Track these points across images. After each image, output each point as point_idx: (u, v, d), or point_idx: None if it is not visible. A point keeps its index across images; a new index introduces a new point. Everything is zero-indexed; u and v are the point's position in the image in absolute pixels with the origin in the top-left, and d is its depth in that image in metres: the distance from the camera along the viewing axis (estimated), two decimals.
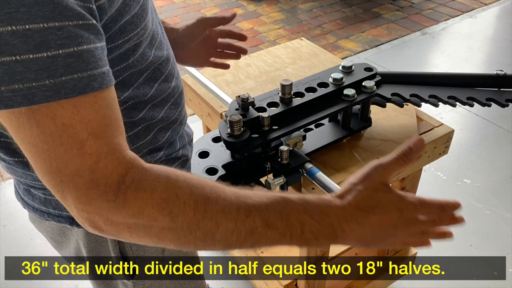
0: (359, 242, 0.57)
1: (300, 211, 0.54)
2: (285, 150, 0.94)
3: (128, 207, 0.49)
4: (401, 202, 0.57)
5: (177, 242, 0.52)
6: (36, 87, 0.42)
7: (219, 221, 0.51)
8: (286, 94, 0.97)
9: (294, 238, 0.54)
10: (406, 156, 0.59)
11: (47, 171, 0.47)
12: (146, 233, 0.51)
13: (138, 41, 0.63)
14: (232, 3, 4.01)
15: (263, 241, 0.54)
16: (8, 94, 0.42)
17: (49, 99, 0.43)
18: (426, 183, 2.09)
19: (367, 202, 0.56)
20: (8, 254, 1.82)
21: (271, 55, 1.52)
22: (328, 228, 0.55)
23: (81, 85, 0.45)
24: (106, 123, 0.48)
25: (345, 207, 0.56)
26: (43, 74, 0.42)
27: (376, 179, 0.57)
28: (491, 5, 3.81)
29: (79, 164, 0.47)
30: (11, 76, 0.41)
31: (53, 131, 0.45)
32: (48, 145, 0.46)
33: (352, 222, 0.55)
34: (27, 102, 0.43)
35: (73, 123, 0.46)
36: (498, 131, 2.43)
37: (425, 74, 1.18)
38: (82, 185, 0.47)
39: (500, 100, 1.10)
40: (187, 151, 0.84)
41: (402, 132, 1.14)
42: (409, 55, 3.16)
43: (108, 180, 0.48)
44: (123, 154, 0.50)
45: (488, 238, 1.85)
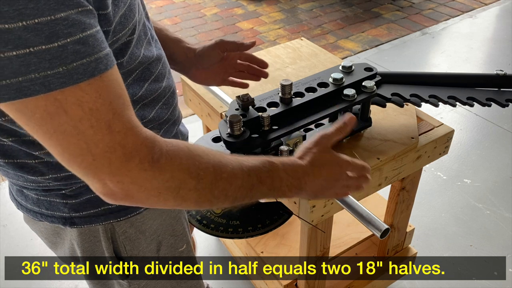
0: (312, 192, 0.74)
1: (280, 170, 0.70)
2: (285, 150, 0.94)
3: (163, 174, 0.56)
4: (340, 160, 0.76)
5: (198, 200, 0.61)
6: (51, 75, 0.45)
7: (231, 180, 0.63)
8: (286, 94, 0.97)
9: (276, 190, 0.70)
10: (342, 128, 0.78)
11: (78, 153, 0.51)
12: (173, 196, 0.58)
13: (126, 41, 0.64)
14: (232, 3, 4.01)
15: (258, 194, 0.68)
16: (26, 83, 0.45)
17: (64, 85, 0.46)
18: (426, 183, 2.09)
19: (319, 161, 0.74)
20: (8, 254, 1.82)
21: (271, 55, 1.52)
22: (297, 181, 0.72)
23: (90, 68, 0.48)
24: (123, 102, 0.53)
25: (306, 165, 0.73)
26: (56, 62, 0.45)
27: (323, 145, 0.75)
28: (491, 5, 3.81)
29: (110, 142, 0.51)
30: (27, 67, 0.44)
31: (82, 117, 0.49)
32: (77, 129, 0.49)
33: (310, 176, 0.73)
34: (44, 89, 0.46)
35: (98, 106, 0.50)
36: (498, 131, 2.43)
37: (425, 74, 1.18)
38: (115, 159, 0.52)
39: (500, 100, 1.10)
40: None
41: (402, 132, 1.14)
42: (409, 55, 3.16)
43: (140, 153, 0.54)
44: (143, 129, 0.56)
45: (488, 238, 1.85)
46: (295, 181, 0.71)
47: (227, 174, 0.63)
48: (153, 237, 0.81)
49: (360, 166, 0.78)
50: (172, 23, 3.68)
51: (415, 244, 1.67)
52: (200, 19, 3.75)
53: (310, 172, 0.73)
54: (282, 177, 0.70)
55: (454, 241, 1.84)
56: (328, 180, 0.75)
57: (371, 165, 1.05)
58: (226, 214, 1.00)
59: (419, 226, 1.82)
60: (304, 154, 0.75)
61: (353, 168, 0.77)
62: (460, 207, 1.99)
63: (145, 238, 0.80)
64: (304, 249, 1.17)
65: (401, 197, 1.32)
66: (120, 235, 0.77)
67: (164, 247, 0.84)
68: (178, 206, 0.61)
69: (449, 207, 1.99)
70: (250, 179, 0.66)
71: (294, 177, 0.71)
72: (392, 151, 1.09)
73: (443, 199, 2.04)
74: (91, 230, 0.76)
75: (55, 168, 0.68)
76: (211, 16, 3.80)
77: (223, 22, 3.69)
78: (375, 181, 1.10)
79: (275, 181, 0.69)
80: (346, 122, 0.78)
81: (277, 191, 0.70)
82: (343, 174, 0.76)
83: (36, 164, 0.67)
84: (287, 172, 0.71)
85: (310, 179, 0.73)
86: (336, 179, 0.76)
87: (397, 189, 1.31)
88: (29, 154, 0.66)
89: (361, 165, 0.78)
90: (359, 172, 0.78)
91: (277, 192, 0.70)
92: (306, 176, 0.72)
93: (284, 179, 0.70)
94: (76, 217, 0.73)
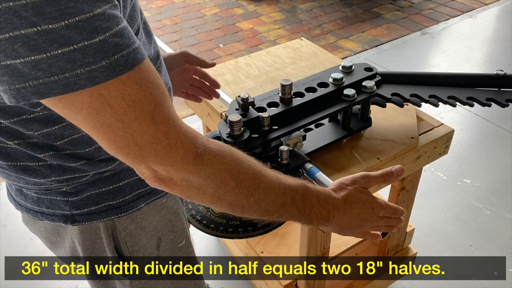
0: (338, 227, 0.75)
1: (313, 196, 0.71)
2: (285, 150, 0.94)
3: (206, 169, 0.58)
4: (375, 202, 0.76)
5: (233, 203, 0.63)
6: (95, 69, 0.47)
7: (267, 192, 0.65)
8: (286, 94, 0.97)
9: (304, 215, 0.70)
10: (387, 176, 0.79)
11: (124, 145, 0.53)
12: (211, 193, 0.60)
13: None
14: (232, 3, 4.01)
15: (287, 214, 0.69)
16: (73, 79, 0.47)
17: (108, 77, 0.48)
18: (426, 183, 2.09)
19: (352, 198, 0.74)
20: (8, 254, 1.82)
21: (271, 55, 1.52)
22: (326, 212, 0.72)
23: (130, 59, 0.50)
24: (162, 92, 0.54)
25: (338, 199, 0.73)
26: (99, 56, 0.47)
27: (361, 184, 0.76)
28: (491, 5, 3.81)
29: (154, 132, 0.53)
30: (72, 63, 0.47)
31: (126, 110, 0.51)
32: (122, 122, 0.51)
33: (340, 211, 0.73)
34: (90, 83, 0.48)
35: (140, 98, 0.51)
36: (498, 131, 2.43)
37: (425, 74, 1.18)
38: (161, 150, 0.54)
39: (500, 100, 1.10)
40: None
41: (402, 132, 1.14)
42: (409, 55, 3.16)
43: (183, 145, 0.55)
44: (184, 123, 0.57)
45: (488, 238, 1.85)
46: (325, 211, 0.72)
47: (265, 185, 0.64)
48: (153, 233, 0.81)
49: (393, 209, 0.78)
50: (172, 23, 3.68)
51: (415, 244, 1.67)
52: (200, 19, 3.75)
53: (341, 207, 0.73)
54: (313, 204, 0.71)
55: (454, 241, 1.84)
56: (358, 219, 0.75)
57: (371, 165, 1.05)
58: (226, 214, 1.00)
59: (419, 226, 1.82)
60: (339, 189, 0.75)
61: (386, 212, 0.77)
62: (460, 207, 1.99)
63: (145, 234, 0.80)
64: (304, 249, 1.17)
65: (401, 197, 1.32)
66: (121, 232, 0.77)
67: (164, 243, 0.84)
68: (212, 204, 0.62)
69: (449, 207, 1.99)
70: (284, 197, 0.67)
71: (325, 208, 0.72)
72: (392, 151, 1.09)
73: (443, 199, 2.04)
74: (92, 228, 0.76)
75: (58, 170, 0.68)
76: (211, 16, 3.80)
77: (223, 22, 3.69)
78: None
79: (306, 206, 0.70)
80: (394, 171, 0.79)
81: (306, 216, 0.71)
82: (374, 216, 0.76)
83: (39, 167, 0.67)
84: (319, 200, 0.71)
85: (339, 214, 0.73)
86: (365, 219, 0.76)
87: (397, 189, 1.31)
88: (32, 156, 0.66)
89: (395, 208, 0.78)
90: (391, 215, 0.78)
91: (305, 218, 0.71)
92: (336, 211, 0.73)
93: (315, 207, 0.71)
94: (77, 214, 0.73)
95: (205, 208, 1.02)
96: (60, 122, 0.63)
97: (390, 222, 0.79)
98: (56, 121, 0.63)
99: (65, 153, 0.67)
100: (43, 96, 0.48)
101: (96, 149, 0.68)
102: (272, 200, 0.65)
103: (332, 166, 1.05)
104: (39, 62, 0.46)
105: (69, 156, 0.67)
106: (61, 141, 0.65)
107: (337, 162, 1.06)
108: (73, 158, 0.68)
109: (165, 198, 0.81)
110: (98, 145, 0.65)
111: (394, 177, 0.79)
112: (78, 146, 0.67)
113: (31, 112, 0.60)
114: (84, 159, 0.68)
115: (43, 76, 0.46)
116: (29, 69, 0.46)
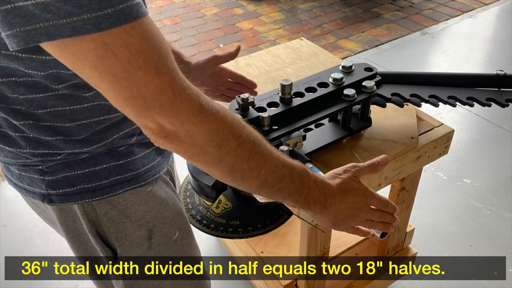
0: (334, 216, 0.75)
1: (311, 178, 0.72)
2: (285, 150, 0.94)
3: (209, 123, 0.58)
4: (366, 191, 0.77)
5: (234, 167, 0.63)
6: (101, 16, 0.49)
7: (267, 159, 0.65)
8: (286, 94, 0.97)
9: (302, 196, 0.71)
10: (374, 166, 0.81)
11: (130, 96, 0.53)
12: (214, 151, 0.60)
13: None
14: (232, 3, 4.01)
15: (285, 190, 0.69)
16: (80, 23, 0.49)
17: (112, 25, 0.49)
18: (426, 183, 2.09)
19: (346, 186, 0.76)
20: (8, 254, 1.82)
21: (271, 55, 1.52)
22: (323, 197, 0.73)
23: (134, 11, 0.51)
24: (166, 47, 0.55)
25: (334, 186, 0.75)
26: (105, 4, 0.49)
27: (352, 173, 0.78)
28: (491, 5, 3.81)
29: (159, 83, 0.53)
30: (79, 8, 0.48)
31: (130, 59, 0.51)
32: (127, 72, 0.52)
33: (336, 198, 0.74)
34: (95, 29, 0.49)
35: (144, 48, 0.52)
36: (498, 131, 2.43)
37: (425, 74, 1.18)
38: (166, 101, 0.54)
39: (500, 100, 1.10)
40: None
41: (402, 132, 1.14)
42: (409, 55, 3.16)
43: (188, 97, 0.56)
44: (185, 78, 0.57)
45: (488, 238, 1.85)
46: (322, 196, 0.73)
47: (265, 151, 0.65)
48: (141, 223, 0.80)
49: (385, 202, 0.79)
50: (172, 23, 3.68)
51: (415, 244, 1.67)
52: (200, 19, 3.75)
53: (337, 194, 0.74)
54: (311, 186, 0.71)
55: (454, 241, 1.84)
56: (352, 208, 0.76)
57: None
58: (226, 214, 1.00)
59: (419, 226, 1.82)
60: (333, 178, 0.77)
61: (378, 202, 0.78)
62: (460, 207, 1.99)
63: (131, 223, 0.79)
64: (304, 249, 1.17)
65: (401, 197, 1.32)
66: (102, 217, 0.77)
67: (156, 235, 0.83)
68: (214, 166, 0.62)
69: (449, 207, 1.99)
70: (283, 169, 0.68)
71: (322, 192, 0.73)
72: (392, 151, 1.09)
73: (443, 199, 2.04)
74: (69, 209, 0.77)
75: (33, 143, 0.69)
76: (211, 16, 3.80)
77: (223, 22, 3.69)
78: (375, 181, 1.10)
79: (304, 187, 0.71)
80: (379, 161, 0.81)
81: (303, 198, 0.71)
82: (367, 205, 0.77)
83: (16, 137, 0.69)
84: (316, 184, 0.72)
85: (335, 201, 0.74)
86: (359, 209, 0.77)
87: (397, 189, 1.31)
88: (11, 125, 0.68)
89: (386, 201, 0.79)
90: (383, 207, 0.79)
91: (303, 199, 0.71)
92: (333, 197, 0.74)
93: (312, 189, 0.72)
94: (53, 194, 0.74)
95: (205, 208, 1.02)
96: (46, 90, 0.64)
97: (384, 218, 0.80)
98: (43, 88, 0.64)
99: (44, 124, 0.68)
100: (52, 37, 0.49)
101: (76, 126, 0.69)
102: (271, 169, 0.66)
103: (332, 166, 1.05)
104: (49, 4, 0.47)
105: (47, 128, 0.68)
106: (43, 110, 0.66)
107: (337, 162, 1.06)
108: (51, 131, 0.68)
109: (150, 186, 0.80)
110: (79, 122, 0.68)
111: (380, 166, 0.81)
112: (59, 118, 0.67)
113: (22, 75, 0.62)
114: (62, 135, 0.69)
115: (53, 18, 0.48)
116: (40, 10, 0.48)
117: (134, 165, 0.76)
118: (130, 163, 0.76)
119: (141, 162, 0.78)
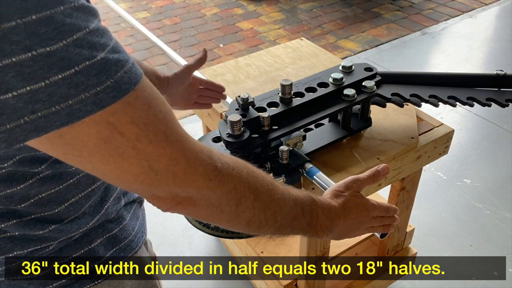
0: (338, 234, 0.75)
1: (318, 207, 0.70)
2: (285, 150, 0.94)
3: (226, 184, 0.54)
4: (368, 204, 0.77)
5: (251, 220, 0.60)
6: (101, 91, 0.42)
7: (281, 204, 0.63)
8: (286, 94, 0.97)
9: (311, 227, 0.69)
10: (375, 177, 0.80)
11: (139, 172, 0.47)
12: (230, 210, 0.57)
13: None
14: (232, 3, 4.01)
15: (297, 227, 0.68)
16: (77, 105, 0.41)
17: (115, 98, 0.43)
18: (426, 183, 2.09)
19: (349, 204, 0.75)
20: None
21: (271, 55, 1.52)
22: (330, 222, 0.72)
23: (132, 75, 0.45)
24: (168, 108, 0.49)
25: (338, 207, 0.73)
26: (102, 76, 0.42)
27: (354, 189, 0.77)
28: (491, 5, 3.81)
29: (171, 153, 0.48)
30: (76, 88, 0.41)
31: (139, 135, 0.45)
32: (136, 149, 0.45)
33: (341, 219, 0.73)
34: (96, 108, 0.42)
35: (152, 119, 0.46)
36: (498, 131, 2.43)
37: (425, 74, 1.18)
38: (179, 171, 0.49)
39: (500, 100, 1.10)
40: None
41: (402, 132, 1.14)
42: (409, 55, 3.16)
43: (202, 162, 0.51)
44: (193, 138, 0.53)
45: (488, 238, 1.85)
46: (328, 222, 0.71)
47: (279, 196, 0.63)
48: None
49: (386, 208, 0.79)
50: (172, 23, 3.68)
51: (415, 244, 1.67)
52: (200, 19, 3.75)
53: (342, 215, 0.73)
54: (319, 215, 0.70)
55: (454, 241, 1.84)
56: (355, 223, 0.76)
57: (371, 165, 1.05)
58: None
59: (419, 226, 1.82)
60: (336, 196, 0.76)
61: (379, 211, 0.78)
62: (460, 207, 1.99)
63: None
64: (304, 249, 1.17)
65: (401, 197, 1.32)
66: None
67: None
68: (229, 223, 0.59)
69: (449, 207, 1.99)
70: (296, 208, 0.66)
71: (328, 218, 0.71)
72: (392, 151, 1.09)
73: (443, 199, 2.04)
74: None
75: (21, 242, 0.61)
76: (211, 16, 3.80)
77: (223, 22, 3.69)
78: None
79: (313, 218, 0.69)
80: (379, 170, 0.80)
81: (312, 228, 0.70)
82: (368, 217, 0.77)
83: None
84: (323, 211, 0.71)
85: (340, 222, 0.73)
86: (362, 222, 0.77)
87: (397, 189, 1.31)
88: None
89: (387, 207, 0.79)
90: (384, 214, 0.79)
91: (312, 230, 0.70)
92: (338, 219, 0.73)
93: (320, 218, 0.70)
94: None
95: None
96: (26, 179, 0.56)
97: (384, 221, 0.80)
98: (22, 178, 0.55)
99: (30, 219, 0.59)
100: (43, 131, 0.41)
101: (66, 208, 0.61)
102: (286, 212, 0.64)
103: (332, 166, 1.05)
104: (37, 92, 0.39)
105: (35, 222, 0.59)
106: (26, 203, 0.57)
107: (337, 162, 1.06)
108: (40, 224, 0.60)
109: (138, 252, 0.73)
110: (68, 203, 0.61)
111: (381, 176, 0.80)
112: (46, 206, 0.59)
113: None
114: (53, 223, 0.60)
115: (42, 108, 0.40)
116: (24, 102, 0.39)
117: (126, 232, 0.71)
118: (122, 230, 0.70)
119: (131, 225, 0.73)
